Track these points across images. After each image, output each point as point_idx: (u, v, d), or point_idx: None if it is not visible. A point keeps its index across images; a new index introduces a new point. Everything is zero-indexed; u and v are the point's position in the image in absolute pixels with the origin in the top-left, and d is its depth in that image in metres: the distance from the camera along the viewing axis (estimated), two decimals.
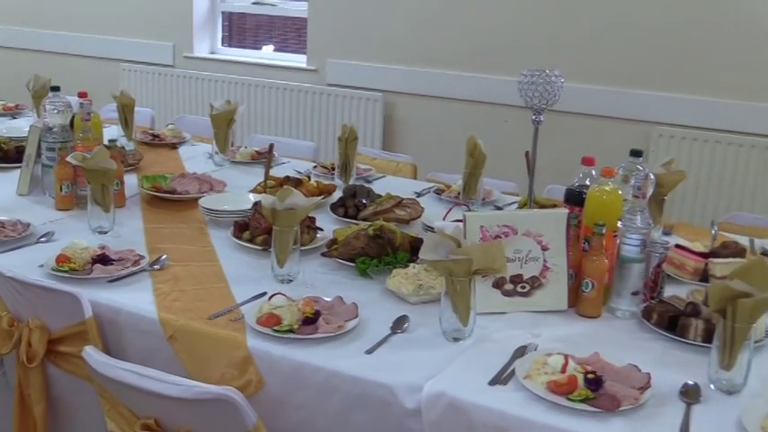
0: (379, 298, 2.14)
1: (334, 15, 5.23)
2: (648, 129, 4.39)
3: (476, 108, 4.75)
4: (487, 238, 2.04)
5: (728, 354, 1.69)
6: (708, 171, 4.30)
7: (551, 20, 4.56)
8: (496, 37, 4.71)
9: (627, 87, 4.45)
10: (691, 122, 4.33)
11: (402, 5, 4.96)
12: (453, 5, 4.81)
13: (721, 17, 4.17)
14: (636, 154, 2.22)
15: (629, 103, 4.44)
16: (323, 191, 2.91)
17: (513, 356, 1.82)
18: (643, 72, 4.40)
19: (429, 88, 4.97)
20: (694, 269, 2.24)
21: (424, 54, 4.95)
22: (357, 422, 1.77)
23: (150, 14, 5.88)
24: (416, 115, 5.07)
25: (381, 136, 5.11)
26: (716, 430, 1.58)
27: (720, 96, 4.25)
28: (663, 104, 4.38)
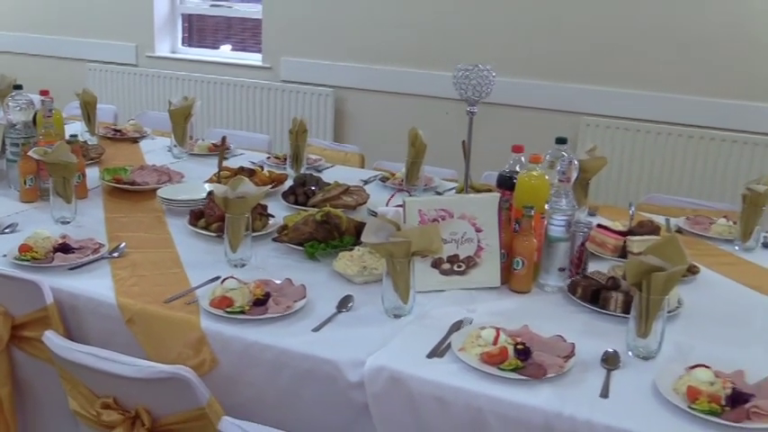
0: (326, 279, 2.11)
1: (286, 16, 5.17)
2: (577, 119, 4.42)
3: (418, 101, 4.74)
4: (426, 221, 2.02)
5: (644, 323, 1.70)
6: (630, 157, 4.35)
7: (486, 19, 4.55)
8: (435, 35, 4.69)
9: (556, 81, 4.47)
10: (615, 113, 4.37)
11: (350, 7, 4.92)
12: (396, 7, 4.78)
13: (642, 15, 4.21)
14: (561, 141, 2.23)
15: (559, 96, 4.47)
16: (275, 180, 2.87)
17: (450, 331, 1.81)
18: (571, 67, 4.43)
19: (376, 84, 4.95)
20: (614, 246, 2.25)
21: (371, 52, 4.92)
22: (306, 396, 1.75)
23: (114, 17, 5.76)
24: (364, 109, 5.04)
25: (332, 128, 5.07)
26: (633, 393, 1.59)
27: (642, 89, 4.30)
28: (589, 97, 4.41)
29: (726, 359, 1.68)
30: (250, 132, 4.69)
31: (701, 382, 1.55)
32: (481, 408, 1.57)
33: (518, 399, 1.56)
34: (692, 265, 2.24)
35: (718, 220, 2.68)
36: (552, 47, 4.44)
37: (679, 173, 4.26)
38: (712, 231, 2.64)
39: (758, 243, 2.54)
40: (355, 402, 1.69)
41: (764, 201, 2.48)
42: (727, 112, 4.14)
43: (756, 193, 2.47)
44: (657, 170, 4.30)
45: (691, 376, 1.58)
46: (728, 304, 2.10)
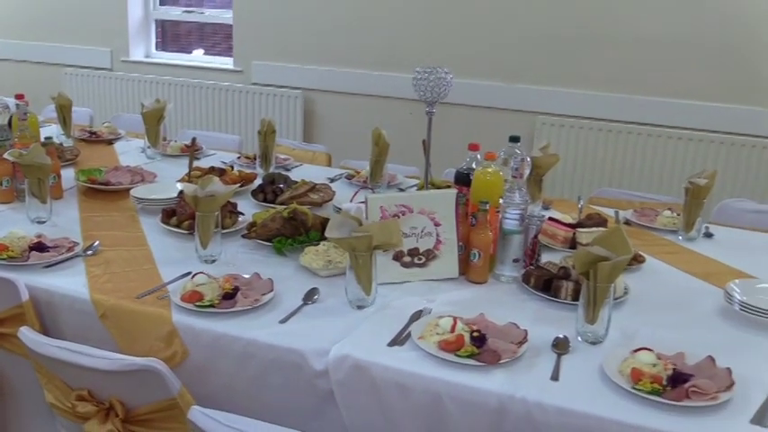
0: (293, 273, 2.11)
1: (256, 22, 5.14)
2: (532, 118, 4.45)
3: (382, 102, 4.74)
4: (387, 216, 2.03)
5: (592, 310, 1.73)
6: (583, 153, 4.39)
7: (445, 24, 4.57)
8: (397, 39, 4.70)
9: (513, 83, 4.50)
10: (568, 112, 4.41)
11: (317, 13, 4.91)
12: (361, 13, 4.78)
13: (593, 19, 4.25)
14: (514, 140, 2.24)
15: (515, 96, 4.50)
16: (244, 179, 2.85)
17: (410, 320, 1.82)
18: (527, 69, 4.46)
19: (342, 86, 4.94)
20: (564, 238, 2.28)
21: (338, 55, 4.91)
22: (273, 384, 1.75)
23: (89, 23, 5.69)
24: (332, 110, 5.03)
25: (302, 129, 5.05)
26: (581, 376, 1.61)
27: (594, 89, 4.34)
28: (544, 97, 4.44)
29: (668, 342, 1.71)
30: (222, 133, 4.67)
31: (644, 364, 1.58)
32: (439, 392, 1.58)
33: (474, 383, 1.57)
34: (639, 255, 2.27)
35: (663, 212, 2.72)
36: (508, 50, 4.47)
37: (629, 168, 4.31)
38: (658, 223, 2.68)
39: (700, 233, 2.58)
40: (321, 389, 1.69)
41: (705, 193, 2.52)
42: (671, 110, 4.20)
43: (698, 186, 2.51)
44: (608, 165, 4.35)
45: (635, 359, 1.61)
46: (672, 291, 2.13)
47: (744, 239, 2.63)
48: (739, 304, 1.94)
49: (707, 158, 4.11)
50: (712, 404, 1.49)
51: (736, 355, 1.69)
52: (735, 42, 4.02)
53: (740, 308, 1.93)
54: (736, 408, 1.51)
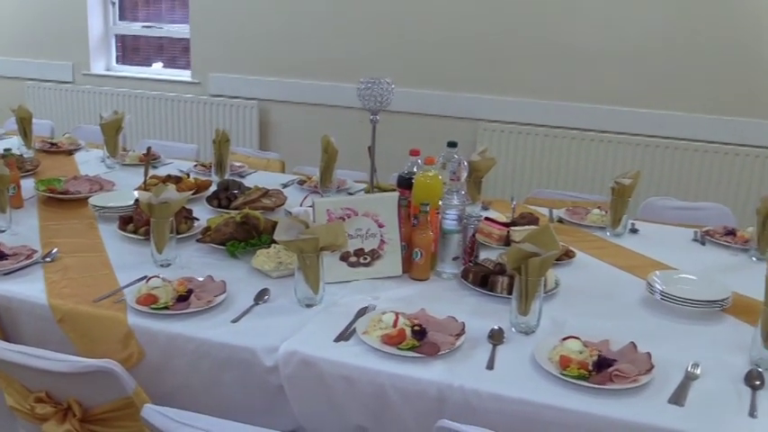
0: (245, 275, 2.09)
1: (212, 36, 5.10)
2: (474, 124, 4.49)
3: (334, 111, 4.73)
4: (333, 219, 2.03)
5: (524, 302, 1.75)
6: (522, 157, 4.45)
7: (392, 36, 4.59)
8: (347, 51, 4.70)
9: (456, 92, 4.54)
10: (508, 119, 4.46)
11: (271, 27, 4.89)
12: (311, 27, 4.77)
13: (531, 31, 4.31)
14: (451, 145, 2.25)
15: (459, 104, 4.54)
16: (200, 186, 2.82)
17: (356, 317, 1.82)
18: (469, 79, 4.50)
19: (296, 96, 4.93)
20: (499, 236, 2.31)
21: (291, 67, 4.90)
22: (226, 381, 1.73)
23: (51, 37, 5.57)
24: (286, 119, 5.01)
25: (258, 138, 5.02)
26: (515, 364, 1.63)
27: (531, 97, 4.40)
28: (485, 105, 4.49)
29: (594, 330, 1.74)
30: (181, 143, 4.61)
31: (572, 351, 1.61)
32: (383, 384, 1.59)
33: (415, 374, 1.58)
34: (569, 250, 2.31)
35: (593, 211, 2.77)
36: (451, 61, 4.50)
37: (563, 170, 4.38)
38: (588, 220, 2.73)
39: (626, 229, 2.64)
40: (272, 385, 1.69)
41: (630, 192, 2.58)
42: (599, 116, 4.28)
43: (623, 185, 2.56)
44: (545, 168, 4.41)
45: (563, 347, 1.63)
46: (599, 283, 2.17)
47: (666, 234, 2.69)
48: (660, 294, 1.99)
49: (634, 160, 4.20)
50: (633, 386, 1.53)
51: (656, 340, 1.73)
52: (654, 53, 4.11)
53: (661, 297, 1.98)
54: (656, 389, 1.54)
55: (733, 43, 3.99)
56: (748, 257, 2.46)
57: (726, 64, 4.02)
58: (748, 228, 2.59)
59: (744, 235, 2.60)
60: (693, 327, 1.89)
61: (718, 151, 4.10)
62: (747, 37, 3.96)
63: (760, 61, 3.97)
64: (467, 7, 4.40)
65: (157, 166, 3.34)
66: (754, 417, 1.47)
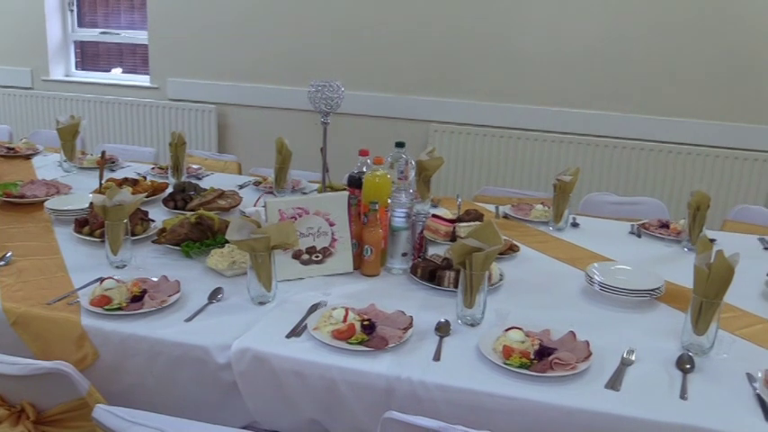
0: (200, 275, 2.05)
1: (170, 42, 5.00)
2: (426, 126, 4.49)
3: (290, 114, 4.69)
4: (285, 218, 2.00)
5: (470, 295, 1.75)
6: (471, 156, 4.46)
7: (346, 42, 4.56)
8: (302, 55, 4.65)
9: (408, 95, 4.53)
10: (457, 120, 4.47)
11: (228, 33, 4.81)
12: (265, 32, 4.71)
13: (476, 37, 4.33)
14: (399, 145, 2.24)
15: (411, 107, 4.53)
16: (156, 188, 2.76)
17: (308, 313, 1.80)
18: (421, 83, 4.49)
19: (254, 99, 4.86)
20: (446, 232, 2.30)
21: (247, 72, 4.83)
22: (181, 379, 1.69)
23: (10, 44, 5.41)
24: (244, 122, 4.94)
25: (216, 141, 4.94)
26: (460, 355, 1.62)
27: (479, 100, 4.42)
28: (436, 107, 4.49)
29: (536, 321, 1.75)
30: (140, 146, 4.51)
31: (514, 341, 1.61)
32: (333, 378, 1.57)
33: (364, 367, 1.56)
34: (514, 245, 2.32)
35: (537, 206, 2.78)
36: (404, 66, 4.49)
37: (511, 168, 4.40)
38: (532, 215, 2.74)
39: (567, 223, 2.66)
40: (225, 381, 1.65)
41: (571, 188, 2.60)
42: (544, 117, 4.32)
43: (564, 182, 2.58)
44: (493, 167, 4.43)
45: (506, 337, 1.63)
46: (542, 275, 2.17)
47: (605, 228, 2.72)
48: (598, 285, 2.00)
49: (576, 158, 4.25)
50: (572, 373, 1.53)
51: (595, 329, 1.75)
52: (593, 57, 4.16)
53: (599, 288, 2.00)
54: (593, 375, 1.55)
55: (663, 49, 4.06)
56: (681, 248, 2.50)
57: (657, 68, 4.10)
58: (680, 220, 2.63)
59: (676, 227, 2.64)
60: (629, 315, 1.91)
61: (653, 149, 4.18)
62: (676, 43, 4.03)
63: (688, 65, 4.04)
64: (417, 13, 4.40)
65: (115, 170, 3.26)
66: (684, 399, 1.49)
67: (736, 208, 3.19)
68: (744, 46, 3.97)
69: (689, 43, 4.03)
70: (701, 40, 4.01)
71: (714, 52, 4.01)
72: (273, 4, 4.67)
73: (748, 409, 1.47)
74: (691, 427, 1.40)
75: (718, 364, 1.64)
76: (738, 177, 4.09)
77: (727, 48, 3.99)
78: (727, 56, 4.00)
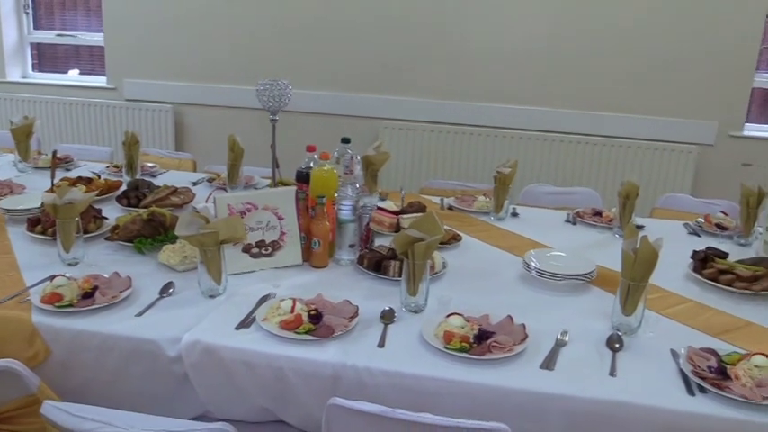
0: (152, 270, 1.99)
1: (126, 43, 4.86)
2: (376, 123, 4.46)
3: (244, 112, 4.59)
4: (234, 213, 1.95)
5: (413, 284, 1.73)
6: (419, 151, 4.45)
7: (298, 42, 4.49)
8: (255, 56, 4.57)
9: (358, 93, 4.49)
10: (405, 117, 4.45)
11: (181, 33, 4.70)
12: (220, 32, 4.62)
13: (425, 36, 4.31)
14: (345, 141, 2.22)
15: (361, 105, 4.49)
16: (110, 186, 2.68)
17: (257, 305, 1.76)
18: (370, 81, 4.46)
19: (208, 99, 4.75)
20: (390, 224, 2.28)
21: (202, 72, 4.72)
22: (133, 372, 1.64)
23: None
24: (200, 121, 4.84)
25: (173, 140, 4.83)
26: (404, 341, 1.61)
27: (425, 97, 4.41)
28: (385, 105, 4.46)
29: (476, 306, 1.75)
30: (95, 146, 4.38)
31: (455, 326, 1.60)
32: (281, 367, 1.54)
33: (311, 356, 1.54)
34: (456, 234, 2.31)
35: (479, 198, 2.79)
36: (355, 65, 4.45)
37: (456, 162, 4.41)
38: (474, 206, 2.74)
39: (507, 213, 2.67)
40: (176, 373, 1.61)
41: (510, 180, 2.60)
42: (486, 113, 4.33)
43: (503, 174, 2.59)
44: (440, 161, 4.43)
45: (447, 323, 1.62)
46: (483, 263, 2.17)
47: (542, 217, 2.74)
48: (535, 270, 2.01)
49: (518, 151, 4.27)
50: (509, 355, 1.53)
51: (531, 312, 1.75)
52: (533, 56, 4.19)
53: (536, 273, 2.00)
54: (529, 356, 1.56)
55: (597, 50, 4.11)
56: (612, 235, 2.53)
57: (591, 67, 4.15)
58: (612, 209, 2.67)
59: (608, 215, 2.67)
60: (564, 298, 1.92)
61: (588, 142, 4.23)
62: (609, 45, 4.09)
63: (620, 65, 4.11)
64: (364, 14, 4.36)
65: (71, 169, 3.16)
66: (614, 375, 1.50)
67: (663, 196, 3.25)
68: (670, 48, 4.05)
69: (620, 45, 4.10)
70: (632, 41, 4.08)
71: (644, 53, 4.08)
72: (225, 5, 4.57)
73: (672, 383, 1.49)
74: (619, 402, 1.42)
75: (645, 342, 1.66)
76: (666, 168, 4.17)
77: (656, 49, 4.06)
78: (656, 56, 4.07)
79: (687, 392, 1.45)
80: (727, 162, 4.16)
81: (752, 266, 2.06)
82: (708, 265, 2.10)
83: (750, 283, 2.00)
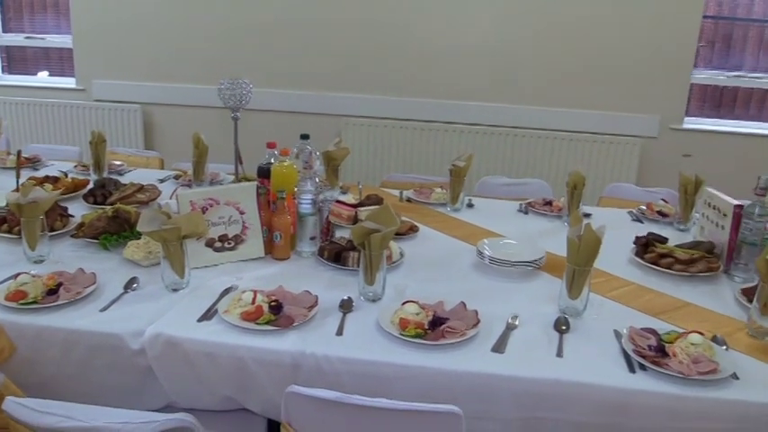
0: (117, 266, 1.94)
1: (94, 45, 4.73)
2: (339, 120, 4.43)
3: (210, 111, 4.50)
4: (196, 209, 1.91)
5: (370, 274, 1.71)
6: (381, 146, 4.43)
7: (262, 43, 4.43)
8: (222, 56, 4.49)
9: (323, 91, 4.45)
10: (368, 114, 4.42)
11: (148, 34, 4.59)
12: (187, 33, 4.52)
13: (385, 35, 4.28)
14: (304, 137, 2.18)
15: (325, 102, 4.45)
16: (77, 185, 2.61)
17: (220, 297, 1.73)
18: (335, 80, 4.42)
19: (176, 98, 4.65)
20: (348, 216, 2.26)
21: (169, 72, 4.62)
22: (98, 367, 1.60)
23: None
24: (168, 120, 4.73)
25: (143, 139, 4.72)
26: (362, 329, 1.59)
27: (386, 95, 4.38)
28: (348, 102, 4.43)
29: (432, 293, 1.74)
30: (64, 146, 4.25)
31: (410, 313, 1.59)
32: (243, 357, 1.51)
33: (271, 345, 1.51)
34: (414, 225, 2.30)
35: (436, 190, 2.78)
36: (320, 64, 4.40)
37: (417, 156, 4.39)
38: (432, 198, 2.73)
39: (463, 204, 2.66)
40: (140, 366, 1.57)
41: (465, 172, 2.60)
42: (444, 109, 4.33)
43: (458, 167, 2.58)
44: (402, 155, 4.41)
45: (403, 310, 1.61)
46: (439, 252, 2.16)
47: (497, 207, 2.74)
48: (488, 258, 2.01)
49: (474, 145, 4.28)
50: (462, 340, 1.53)
51: (484, 298, 1.75)
52: (490, 53, 4.20)
53: (489, 261, 2.00)
54: (481, 340, 1.55)
55: (549, 48, 4.14)
56: (561, 223, 2.55)
57: (543, 64, 4.17)
58: (561, 198, 2.68)
59: (558, 204, 2.69)
60: (515, 284, 1.92)
61: (540, 136, 4.25)
62: (560, 43, 4.12)
63: (570, 62, 4.14)
64: (326, 13, 4.31)
65: (39, 168, 3.06)
66: (560, 356, 1.51)
67: (609, 186, 3.28)
68: (616, 47, 4.09)
69: (571, 43, 4.12)
70: (581, 40, 4.11)
71: (591, 52, 4.12)
72: (189, 6, 4.48)
73: (615, 362, 1.50)
74: (565, 381, 1.42)
75: (590, 324, 1.67)
76: (613, 159, 4.22)
77: (603, 48, 4.10)
78: (603, 55, 4.11)
79: (628, 370, 1.46)
80: (669, 153, 4.23)
81: (689, 250, 2.09)
82: (649, 250, 2.13)
83: (688, 265, 2.03)
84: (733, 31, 4.28)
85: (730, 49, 4.30)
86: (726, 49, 4.30)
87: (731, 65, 4.31)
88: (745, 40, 4.29)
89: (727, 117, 4.38)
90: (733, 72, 4.31)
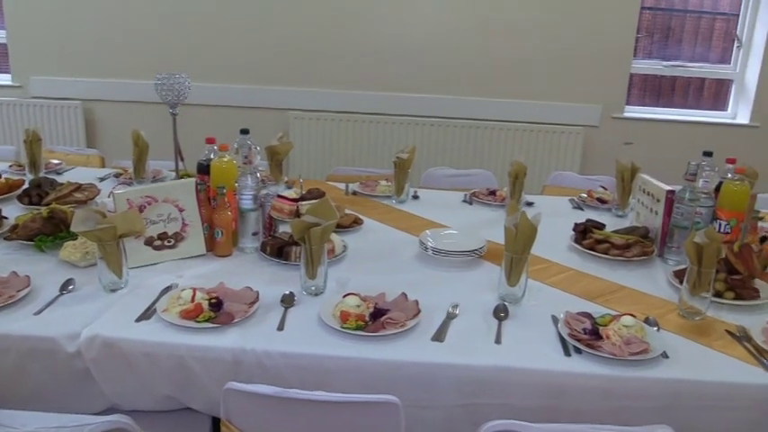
0: (54, 268, 1.89)
1: (31, 39, 4.56)
2: (286, 114, 4.40)
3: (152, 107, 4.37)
4: (134, 207, 1.88)
5: (311, 268, 1.71)
6: (329, 139, 4.42)
7: (207, 36, 4.35)
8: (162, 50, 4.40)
9: (269, 85, 4.41)
10: (315, 107, 4.40)
11: (86, 28, 4.46)
12: (125, 28, 4.41)
13: (333, 31, 4.27)
14: (244, 132, 2.17)
15: (271, 97, 4.41)
16: (11, 186, 2.52)
17: (160, 296, 1.70)
18: (279, 73, 4.38)
19: (117, 95, 4.54)
20: (290, 211, 2.25)
21: (110, 67, 4.50)
22: (33, 371, 1.55)
23: None
24: (110, 117, 4.61)
25: (85, 137, 4.59)
26: (303, 323, 1.60)
27: (331, 88, 4.37)
28: (295, 96, 4.40)
29: (374, 285, 1.75)
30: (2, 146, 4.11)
31: (351, 306, 1.60)
32: (182, 355, 1.49)
33: (211, 343, 1.50)
34: (358, 218, 2.31)
35: (381, 182, 2.80)
36: (263, 58, 4.36)
37: (365, 149, 4.40)
38: (377, 191, 2.75)
39: (408, 196, 2.69)
40: (78, 369, 1.53)
41: (409, 164, 2.62)
42: (388, 102, 4.35)
43: (402, 159, 2.60)
44: (349, 149, 4.42)
45: (343, 303, 1.62)
46: (382, 244, 2.18)
47: (441, 198, 2.77)
48: (431, 249, 2.04)
49: (422, 137, 4.32)
50: (402, 330, 1.55)
51: (425, 289, 1.77)
52: (434, 46, 4.23)
53: (432, 252, 2.03)
54: (421, 330, 1.57)
55: (493, 41, 4.20)
56: (505, 212, 2.59)
57: (487, 56, 4.23)
58: (505, 188, 2.73)
59: (502, 194, 2.74)
60: (456, 273, 1.95)
61: (485, 127, 4.31)
62: (503, 36, 4.18)
63: (513, 55, 4.21)
64: (269, 5, 4.27)
65: None
66: (499, 343, 1.54)
67: (552, 174, 3.36)
68: (558, 39, 4.17)
69: (513, 37, 4.19)
70: (524, 33, 4.18)
71: (535, 44, 4.19)
72: None
73: (552, 346, 1.54)
74: (503, 367, 1.45)
75: (529, 310, 1.71)
76: (557, 148, 4.31)
77: (546, 39, 4.18)
78: (546, 47, 4.19)
79: (564, 354, 1.50)
80: (611, 141, 4.34)
81: (625, 235, 2.16)
82: (587, 236, 2.19)
83: (623, 250, 2.09)
84: (671, 22, 4.41)
85: (668, 39, 4.43)
86: (664, 40, 4.44)
87: (669, 55, 4.45)
88: (682, 30, 4.44)
89: (667, 105, 4.52)
90: (671, 62, 4.45)
